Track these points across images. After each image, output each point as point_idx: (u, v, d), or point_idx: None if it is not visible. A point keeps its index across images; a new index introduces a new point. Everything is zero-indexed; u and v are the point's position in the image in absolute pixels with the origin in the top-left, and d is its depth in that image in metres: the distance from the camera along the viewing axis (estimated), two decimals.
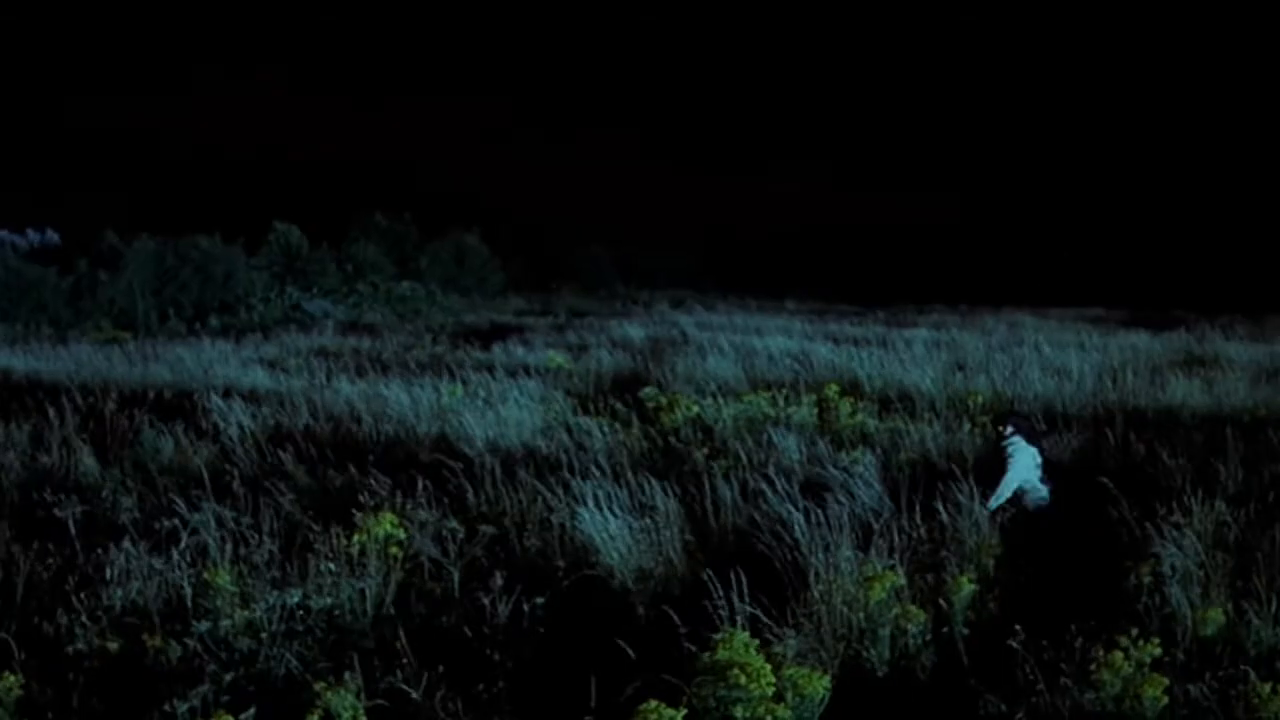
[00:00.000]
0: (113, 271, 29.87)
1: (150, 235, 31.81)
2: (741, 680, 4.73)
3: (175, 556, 6.84)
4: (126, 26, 57.20)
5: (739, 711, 4.71)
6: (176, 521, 7.62)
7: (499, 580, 6.46)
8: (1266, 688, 5.01)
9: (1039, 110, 57.57)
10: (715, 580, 6.06)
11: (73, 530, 7.99)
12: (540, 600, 6.50)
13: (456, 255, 41.56)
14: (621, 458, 10.06)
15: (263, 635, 6.11)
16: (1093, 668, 5.03)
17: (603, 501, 7.70)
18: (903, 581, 6.04)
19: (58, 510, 8.38)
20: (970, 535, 7.37)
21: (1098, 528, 7.79)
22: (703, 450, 10.51)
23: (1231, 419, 11.89)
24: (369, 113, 59.58)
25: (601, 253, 47.23)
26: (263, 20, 62.16)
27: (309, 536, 7.16)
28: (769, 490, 8.61)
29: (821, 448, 10.43)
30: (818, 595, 5.91)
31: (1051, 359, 16.99)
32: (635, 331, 23.56)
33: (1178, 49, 54.51)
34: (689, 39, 67.83)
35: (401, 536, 7.13)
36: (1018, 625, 5.61)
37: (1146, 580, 6.04)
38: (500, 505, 8.49)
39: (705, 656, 4.99)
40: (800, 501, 7.81)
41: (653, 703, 4.59)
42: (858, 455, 10.15)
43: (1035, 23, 62.87)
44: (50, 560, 7.36)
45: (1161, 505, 7.54)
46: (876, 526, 7.23)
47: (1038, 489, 8.20)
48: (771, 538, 7.20)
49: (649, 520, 7.49)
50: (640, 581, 6.95)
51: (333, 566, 6.71)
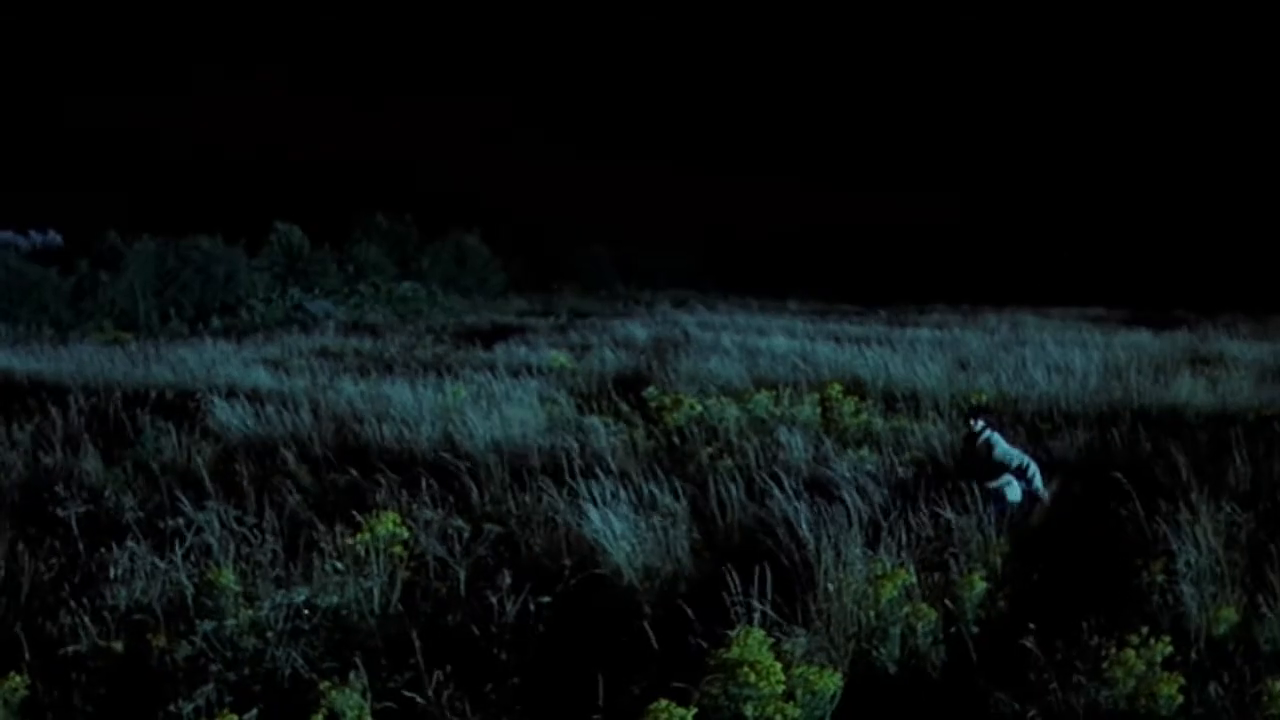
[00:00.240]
0: (114, 272, 29.86)
1: (151, 236, 31.81)
2: (751, 678, 4.69)
3: (179, 556, 6.79)
4: (126, 26, 57.22)
5: (749, 710, 4.67)
6: (180, 521, 7.58)
7: (506, 579, 6.41)
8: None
9: (1040, 110, 57.63)
10: (723, 579, 6.01)
11: (75, 530, 7.95)
12: (547, 599, 6.46)
13: (457, 256, 41.57)
14: (626, 457, 10.01)
15: (268, 634, 6.05)
16: (1105, 665, 4.99)
17: (609, 500, 7.66)
18: (913, 579, 6.00)
19: (60, 510, 8.34)
20: (976, 534, 7.34)
21: (1106, 525, 7.75)
22: (707, 449, 10.48)
23: (1237, 418, 11.84)
24: (369, 113, 59.58)
25: (602, 253, 47.22)
26: (263, 20, 62.17)
27: (313, 536, 7.12)
28: (775, 489, 8.58)
29: (827, 447, 10.40)
30: (829, 593, 5.87)
31: (1055, 358, 16.94)
32: (637, 331, 23.52)
33: (1178, 48, 54.52)
34: (689, 39, 67.86)
35: (404, 536, 7.07)
36: (1029, 624, 5.56)
37: (1159, 579, 5.99)
38: (505, 505, 8.45)
39: (717, 654, 4.95)
40: (807, 500, 7.77)
41: (663, 701, 4.55)
42: (863, 454, 10.13)
43: (1036, 23, 62.86)
44: (53, 560, 7.33)
45: (1170, 504, 7.50)
46: (885, 525, 7.20)
47: (1013, 487, 8.11)
48: (779, 536, 7.16)
49: (655, 519, 7.45)
50: (647, 580, 6.91)
51: (338, 565, 6.66)
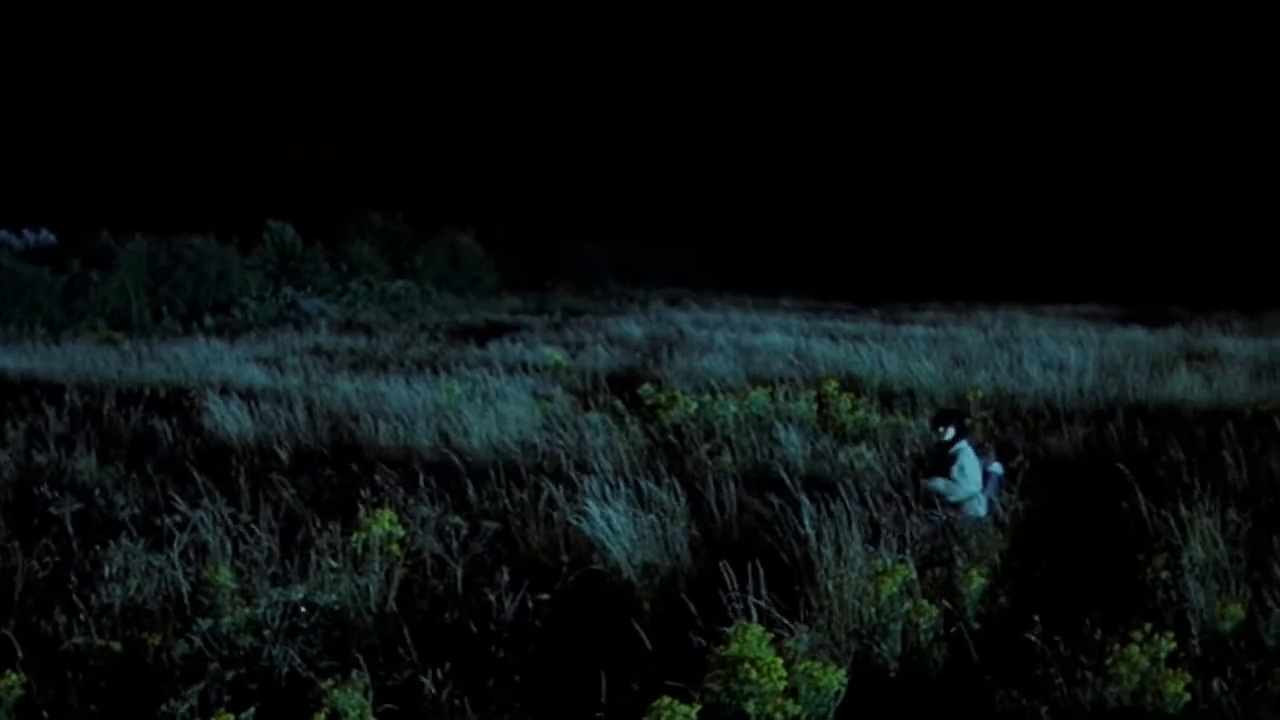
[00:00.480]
0: (106, 271, 29.72)
1: (144, 235, 31.67)
2: (753, 675, 4.65)
3: (174, 554, 6.74)
4: (126, 26, 56.97)
5: (751, 707, 4.63)
6: (176, 518, 7.53)
7: (505, 576, 6.37)
8: None
9: (1033, 110, 57.63)
10: (724, 574, 5.97)
11: (70, 528, 7.89)
12: (545, 596, 6.42)
13: (451, 254, 41.46)
14: (623, 454, 9.97)
15: (265, 633, 6.01)
16: (1109, 661, 4.96)
17: (607, 497, 7.61)
18: (914, 575, 5.97)
19: (54, 508, 8.28)
20: (976, 530, 7.31)
21: (1107, 521, 7.73)
22: (705, 446, 10.44)
23: (1232, 414, 11.84)
24: (369, 113, 59.39)
25: (596, 251, 47.12)
26: (263, 20, 61.97)
27: (310, 533, 7.06)
28: (773, 486, 8.55)
29: (825, 443, 10.37)
30: (830, 589, 5.83)
31: (1050, 355, 16.94)
32: (632, 329, 23.49)
33: (1170, 46, 54.59)
34: (688, 39, 67.76)
35: (401, 534, 7.02)
36: (1031, 620, 5.53)
37: (1163, 574, 5.97)
38: (502, 501, 8.41)
39: (717, 651, 4.92)
40: (805, 496, 7.73)
41: (666, 699, 4.51)
42: (861, 450, 10.10)
43: (1028, 22, 62.91)
44: (47, 558, 7.27)
45: (1170, 499, 7.47)
46: (884, 521, 7.17)
47: (977, 500, 7.88)
48: (778, 533, 7.12)
49: (654, 515, 7.41)
50: (646, 577, 6.88)
51: (334, 563, 6.61)
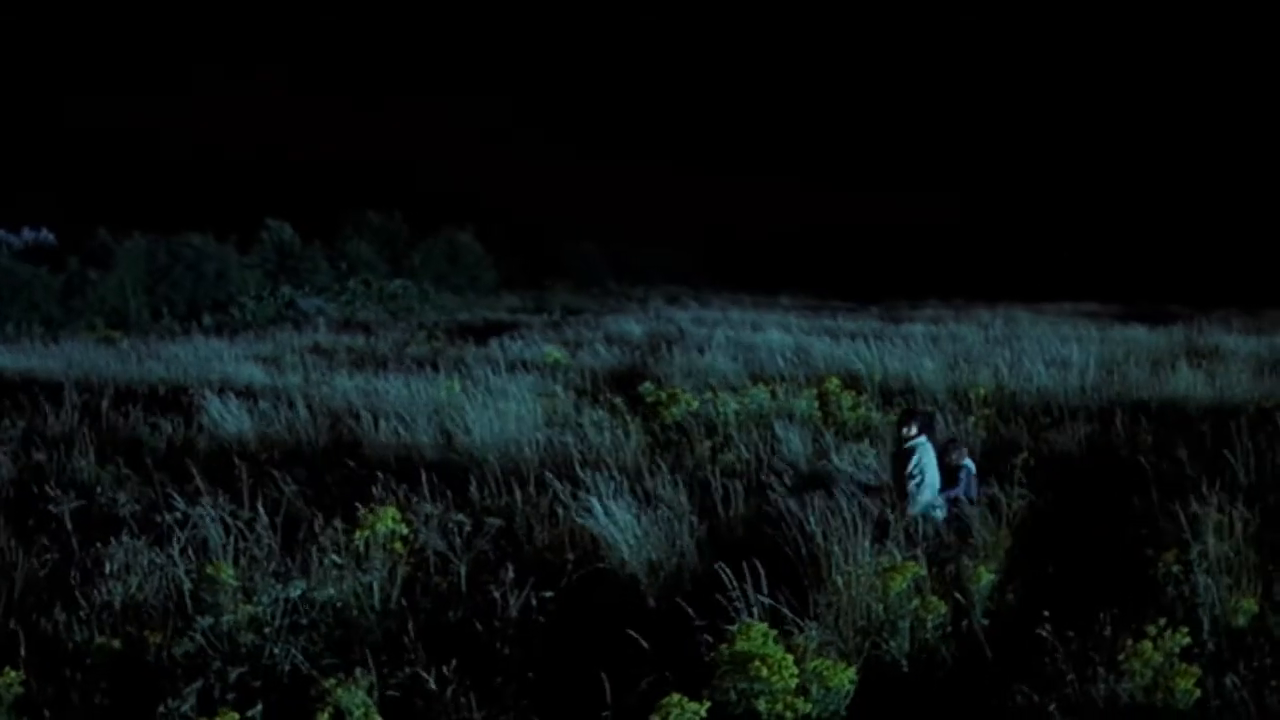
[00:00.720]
0: (104, 270, 29.66)
1: (143, 234, 31.61)
2: (763, 673, 4.60)
3: (175, 551, 6.68)
4: (126, 27, 56.88)
5: (761, 705, 4.57)
6: (177, 515, 7.47)
7: (509, 573, 6.31)
8: None
9: (1032, 109, 57.65)
10: (729, 572, 5.92)
11: (69, 525, 7.84)
12: (550, 594, 6.36)
13: (449, 253, 41.40)
14: (626, 451, 9.93)
15: (266, 630, 5.95)
16: (1121, 657, 4.91)
17: (611, 494, 7.56)
18: (924, 572, 5.92)
19: (54, 505, 8.22)
20: (982, 526, 7.26)
21: (1115, 517, 7.68)
22: (707, 444, 10.39)
23: (1236, 411, 11.80)
24: (369, 113, 59.30)
25: (594, 250, 47.08)
26: (263, 20, 61.86)
27: (312, 531, 7.00)
28: (776, 483, 8.51)
29: (827, 440, 10.33)
30: (838, 586, 5.78)
31: (1051, 352, 16.89)
32: (631, 327, 23.45)
33: (1169, 46, 54.60)
34: (688, 39, 67.73)
35: (404, 532, 6.96)
36: (1041, 616, 5.48)
37: (1175, 569, 5.92)
38: (504, 499, 8.35)
39: (725, 649, 4.86)
40: (809, 493, 7.69)
41: (675, 696, 4.45)
42: (863, 448, 10.06)
43: (1028, 22, 62.90)
44: (47, 556, 7.21)
45: (1179, 495, 7.42)
46: (890, 517, 7.13)
47: (935, 502, 7.76)
48: (782, 530, 7.07)
49: (658, 512, 7.36)
50: (651, 574, 6.82)
51: (337, 560, 6.55)
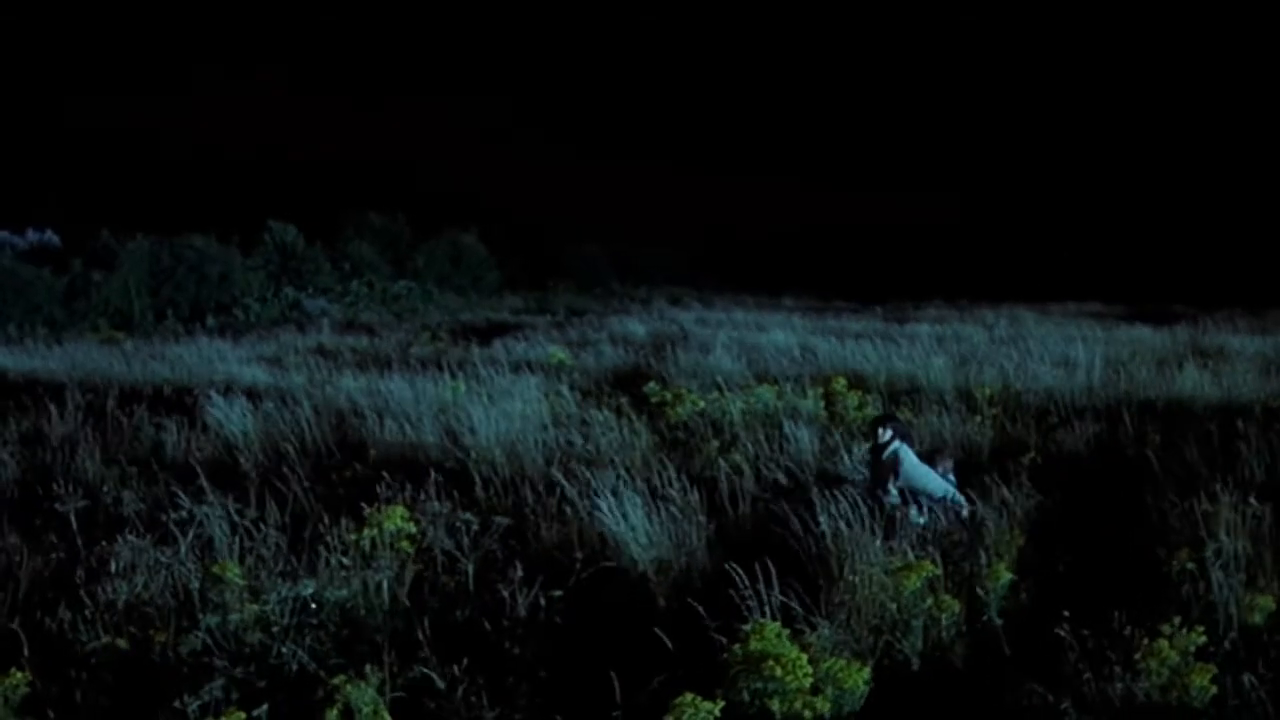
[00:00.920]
0: (108, 271, 29.63)
1: (145, 235, 31.57)
2: (778, 672, 4.55)
3: (181, 550, 6.65)
4: (126, 27, 56.90)
5: (776, 704, 4.53)
6: (183, 514, 7.43)
7: (518, 572, 6.27)
8: None
9: (1035, 109, 57.60)
10: (740, 570, 5.88)
11: (74, 525, 7.81)
12: (559, 593, 6.32)
13: (452, 254, 41.36)
14: (634, 450, 9.89)
15: (274, 629, 5.92)
16: (1137, 656, 4.87)
17: (619, 493, 7.52)
18: (939, 571, 5.87)
19: (59, 505, 8.19)
20: (995, 524, 7.21)
21: (1126, 515, 7.63)
22: (714, 443, 10.36)
23: (1243, 410, 11.76)
24: (369, 113, 59.31)
25: (598, 251, 47.07)
26: (263, 20, 61.89)
27: (319, 530, 6.97)
28: (786, 481, 8.48)
29: (836, 438, 10.29)
30: (854, 583, 5.73)
31: (1057, 352, 16.85)
32: (635, 328, 23.41)
33: (1171, 46, 54.54)
34: (688, 39, 67.71)
35: (412, 531, 6.93)
36: (1056, 615, 5.43)
37: (1190, 566, 5.87)
38: (512, 498, 8.31)
39: (738, 649, 4.81)
40: (819, 492, 7.63)
41: (689, 696, 4.41)
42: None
43: (1030, 21, 62.86)
44: (52, 556, 7.19)
45: (1188, 494, 7.38)
46: (898, 516, 7.09)
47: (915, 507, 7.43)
48: (793, 529, 7.02)
49: (668, 511, 7.31)
50: (661, 573, 6.78)
51: (344, 559, 6.51)
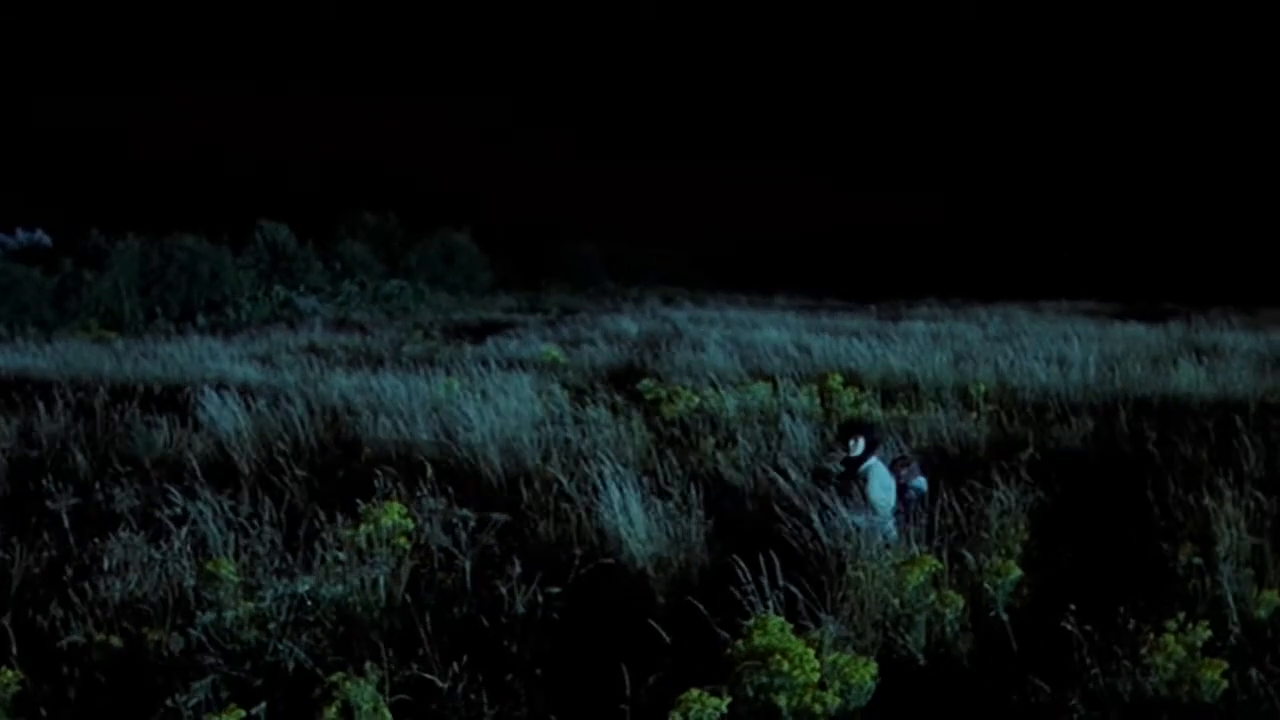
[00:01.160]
0: (98, 271, 29.47)
1: (136, 234, 31.42)
2: (784, 667, 4.49)
3: (175, 547, 6.57)
4: (125, 26, 56.76)
5: (782, 700, 4.47)
6: (177, 511, 7.35)
7: (516, 568, 6.20)
8: None
9: (1028, 109, 57.73)
10: (743, 565, 5.81)
11: (66, 523, 7.72)
12: (557, 590, 6.25)
13: (445, 253, 41.28)
14: (629, 447, 9.83)
15: (269, 626, 5.85)
16: (1144, 651, 4.82)
17: (618, 489, 7.46)
18: (944, 566, 5.82)
19: (50, 502, 8.10)
20: (997, 520, 7.17)
21: (1127, 511, 7.60)
22: (710, 440, 10.30)
23: (1239, 406, 11.75)
24: (369, 113, 59.21)
25: (591, 250, 47.05)
26: (263, 20, 61.75)
27: (314, 526, 6.88)
28: (782, 479, 8.41)
29: (831, 435, 10.23)
30: (860, 578, 5.67)
31: (1051, 349, 16.84)
32: (628, 326, 23.37)
33: (1164, 46, 54.69)
34: (687, 39, 67.74)
35: (409, 526, 6.86)
36: (1061, 609, 5.39)
37: (1196, 561, 5.83)
38: (508, 494, 8.25)
39: (741, 644, 4.75)
40: (818, 488, 7.58)
41: (694, 692, 4.34)
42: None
43: (1025, 21, 62.98)
44: (44, 553, 7.10)
45: (1190, 489, 7.35)
46: (904, 511, 7.04)
47: (886, 519, 7.16)
48: (792, 525, 6.96)
49: (667, 507, 7.25)
50: (660, 569, 6.72)
51: (341, 556, 6.44)
